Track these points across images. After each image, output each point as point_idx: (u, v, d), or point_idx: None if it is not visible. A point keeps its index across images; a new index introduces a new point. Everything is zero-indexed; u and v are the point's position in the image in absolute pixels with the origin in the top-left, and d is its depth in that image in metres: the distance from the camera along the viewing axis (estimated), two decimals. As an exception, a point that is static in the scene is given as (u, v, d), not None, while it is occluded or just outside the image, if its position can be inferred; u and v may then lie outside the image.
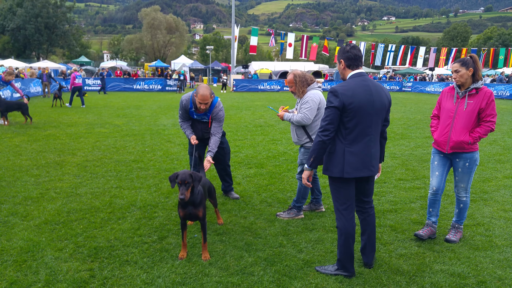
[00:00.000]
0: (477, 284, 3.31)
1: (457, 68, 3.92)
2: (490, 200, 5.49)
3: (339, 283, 3.29)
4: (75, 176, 6.28)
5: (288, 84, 4.65)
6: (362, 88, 3.15)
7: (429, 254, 3.83)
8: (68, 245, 3.85)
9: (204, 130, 5.05)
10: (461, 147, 3.92)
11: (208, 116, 4.93)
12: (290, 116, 4.58)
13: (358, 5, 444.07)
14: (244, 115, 14.96)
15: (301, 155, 4.68)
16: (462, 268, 3.56)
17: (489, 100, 3.87)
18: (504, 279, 3.41)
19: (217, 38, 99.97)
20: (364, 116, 3.13)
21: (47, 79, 22.80)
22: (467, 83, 3.90)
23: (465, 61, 3.89)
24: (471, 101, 3.89)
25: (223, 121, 5.01)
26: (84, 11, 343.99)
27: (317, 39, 36.87)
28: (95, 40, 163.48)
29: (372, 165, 3.26)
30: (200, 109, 4.70)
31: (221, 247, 3.89)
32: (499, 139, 10.26)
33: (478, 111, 3.87)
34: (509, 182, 6.39)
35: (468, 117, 3.89)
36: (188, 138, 4.95)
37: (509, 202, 5.39)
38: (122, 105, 18.32)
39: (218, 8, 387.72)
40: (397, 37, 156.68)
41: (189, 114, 4.96)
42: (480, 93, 3.88)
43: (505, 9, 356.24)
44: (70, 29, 64.00)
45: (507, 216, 4.88)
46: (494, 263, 3.68)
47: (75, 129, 10.84)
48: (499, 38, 77.13)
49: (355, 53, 3.25)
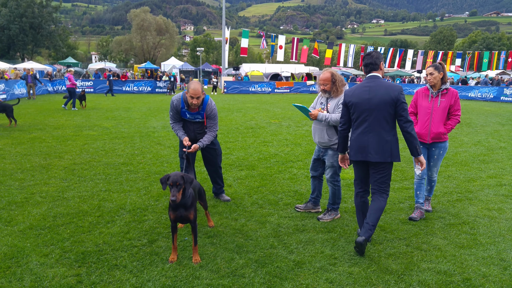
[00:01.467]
0: (462, 282, 3.38)
1: (432, 71, 4.72)
2: (474, 199, 5.59)
3: (329, 283, 3.31)
4: (62, 179, 6.21)
5: (324, 81, 4.50)
6: (361, 89, 3.85)
7: (417, 253, 3.88)
8: (54, 251, 3.79)
9: (196, 130, 5.03)
10: (438, 137, 4.76)
11: (202, 114, 4.91)
12: (327, 116, 4.44)
13: (348, 8, 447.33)
14: (235, 117, 14.95)
15: (330, 157, 4.60)
16: (448, 266, 3.64)
17: (456, 98, 4.75)
18: (488, 276, 3.48)
19: (208, 39, 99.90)
20: (361, 111, 3.81)
21: (32, 80, 22.47)
22: (438, 84, 4.75)
23: (438, 66, 4.73)
24: (443, 99, 4.74)
25: (217, 118, 5.06)
26: (71, 11, 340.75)
27: (307, 41, 37.02)
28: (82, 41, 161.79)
29: (368, 152, 3.82)
30: (192, 105, 4.70)
31: (212, 250, 3.89)
32: (483, 140, 10.41)
33: (448, 107, 4.74)
34: (492, 181, 6.50)
35: (442, 112, 4.74)
36: (181, 139, 4.91)
37: (493, 201, 5.50)
38: (111, 107, 18.18)
39: (208, 10, 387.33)
40: (386, 40, 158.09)
41: (180, 115, 4.93)
42: (449, 92, 4.74)
43: (489, 14, 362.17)
44: (56, 29, 63.15)
45: (491, 214, 4.98)
46: (478, 261, 3.76)
47: (62, 132, 10.72)
48: (483, 42, 78.40)
49: (366, 61, 3.94)
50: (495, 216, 4.93)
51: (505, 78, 40.59)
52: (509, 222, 4.73)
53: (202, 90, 4.68)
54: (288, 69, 48.77)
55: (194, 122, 5.01)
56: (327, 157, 4.65)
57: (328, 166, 4.66)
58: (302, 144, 9.52)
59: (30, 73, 22.64)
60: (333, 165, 4.61)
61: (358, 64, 46.32)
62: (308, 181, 6.35)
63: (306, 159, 7.87)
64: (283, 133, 11.11)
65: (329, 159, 4.63)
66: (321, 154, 4.77)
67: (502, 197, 5.71)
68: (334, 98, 4.54)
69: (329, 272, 3.50)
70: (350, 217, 4.84)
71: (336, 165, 4.59)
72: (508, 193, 5.87)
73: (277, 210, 5.02)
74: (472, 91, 29.65)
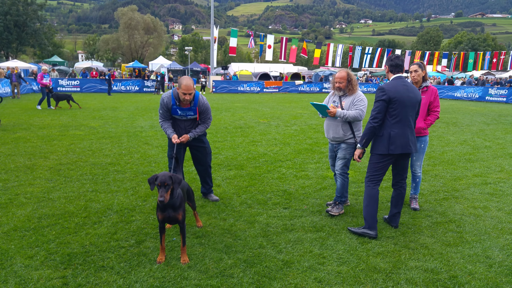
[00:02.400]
0: (449, 279, 3.42)
1: (416, 69, 4.97)
2: (461, 198, 5.66)
3: (318, 282, 3.32)
4: (47, 180, 6.12)
5: (340, 79, 4.77)
6: (402, 87, 4.16)
7: (404, 252, 3.91)
8: (39, 252, 3.73)
9: (187, 127, 4.97)
10: (418, 131, 5.00)
11: (193, 110, 4.86)
12: (345, 112, 4.68)
13: (336, 8, 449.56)
14: (224, 116, 14.91)
15: (343, 150, 4.84)
16: (435, 264, 3.68)
17: (435, 95, 5.04)
18: (474, 273, 3.53)
19: (196, 39, 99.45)
20: (404, 107, 4.12)
21: (16, 79, 22.13)
22: (420, 82, 4.99)
23: (420, 65, 5.01)
24: (424, 96, 4.98)
25: (210, 110, 5.09)
26: (56, 9, 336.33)
27: (296, 41, 37.08)
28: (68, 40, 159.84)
29: (409, 145, 4.20)
30: (184, 100, 4.66)
31: (200, 250, 3.87)
32: (469, 139, 10.55)
33: (428, 103, 5.01)
34: (478, 180, 6.59)
35: (422, 109, 4.99)
36: (169, 137, 4.84)
37: (479, 200, 5.57)
38: (98, 106, 17.99)
39: (197, 9, 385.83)
40: (374, 40, 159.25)
41: (171, 113, 4.86)
42: (429, 90, 5.03)
43: (474, 15, 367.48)
44: (42, 27, 62.11)
45: (477, 213, 5.05)
46: (464, 258, 3.81)
47: (48, 132, 10.57)
48: (468, 42, 79.47)
49: (396, 62, 4.30)
50: (480, 214, 4.99)
51: (490, 78, 41.20)
52: (494, 220, 4.80)
53: (193, 85, 4.67)
54: (277, 68, 48.86)
55: (185, 120, 4.95)
56: (340, 150, 4.90)
57: (340, 158, 4.90)
58: (291, 143, 9.54)
59: (15, 72, 22.28)
60: (345, 157, 4.85)
61: (346, 64, 46.51)
62: (297, 180, 6.35)
63: (295, 159, 7.88)
64: (272, 133, 11.11)
65: (341, 151, 4.88)
66: (335, 149, 5.03)
67: (487, 195, 5.79)
68: (349, 96, 4.80)
69: (317, 271, 3.51)
70: (338, 216, 4.85)
71: (348, 158, 4.85)
72: (493, 191, 5.95)
73: (266, 210, 5.02)
74: (458, 91, 30.05)
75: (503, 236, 4.35)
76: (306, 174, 6.78)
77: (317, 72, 46.18)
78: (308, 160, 7.83)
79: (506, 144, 10.05)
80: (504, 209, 5.21)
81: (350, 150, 4.83)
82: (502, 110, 20.14)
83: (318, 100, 6.88)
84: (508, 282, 3.39)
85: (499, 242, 4.19)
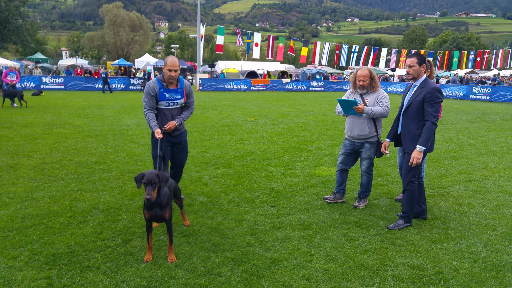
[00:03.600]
0: (434, 275, 3.47)
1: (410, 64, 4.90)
2: (446, 195, 5.73)
3: (306, 280, 3.33)
4: (30, 179, 6.01)
5: (363, 78, 4.82)
6: None
7: (391, 249, 3.94)
8: (23, 253, 3.67)
9: (175, 116, 4.85)
10: None
11: (180, 92, 4.76)
12: (372, 109, 4.73)
13: (323, 6, 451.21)
14: (211, 114, 14.86)
15: (368, 150, 4.96)
16: (421, 260, 3.72)
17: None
18: (459, 269, 3.58)
19: (183, 36, 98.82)
20: None
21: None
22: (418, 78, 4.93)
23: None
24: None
25: (193, 94, 5.02)
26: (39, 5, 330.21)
27: (283, 39, 37.10)
28: (52, 36, 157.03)
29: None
30: (171, 78, 4.57)
31: (187, 249, 3.84)
32: (453, 137, 10.69)
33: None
34: (463, 177, 6.68)
35: None
36: (153, 130, 4.62)
37: (463, 196, 5.65)
38: (83, 104, 17.76)
39: (183, 6, 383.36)
40: (361, 39, 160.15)
41: (159, 99, 4.68)
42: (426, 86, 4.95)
43: (459, 14, 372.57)
44: (24, 24, 60.84)
45: (461, 209, 5.12)
46: (450, 254, 3.86)
47: (31, 130, 10.39)
48: (453, 41, 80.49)
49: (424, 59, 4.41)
50: (465, 211, 5.06)
51: (474, 77, 41.83)
52: (478, 217, 4.87)
53: (179, 64, 4.63)
54: (264, 66, 48.81)
55: (172, 108, 4.80)
56: (364, 150, 4.98)
57: (365, 158, 5.00)
58: (278, 141, 9.54)
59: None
60: (370, 157, 4.99)
61: (333, 62, 46.76)
62: (284, 178, 6.36)
63: (283, 157, 7.89)
64: (259, 131, 11.11)
65: (366, 151, 4.98)
66: (356, 147, 5.05)
67: (472, 192, 5.88)
68: (373, 93, 4.88)
69: (305, 269, 3.52)
70: (326, 213, 4.87)
71: (372, 157, 4.99)
72: (477, 188, 6.04)
73: (253, 208, 5.01)
74: (443, 90, 30.44)
75: (487, 232, 4.41)
76: (294, 172, 6.79)
77: (304, 70, 46.32)
78: (296, 158, 7.84)
79: (490, 141, 10.21)
80: (488, 205, 5.29)
81: (374, 149, 4.95)
82: (485, 108, 20.47)
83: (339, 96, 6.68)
84: (492, 277, 3.45)
85: (483, 238, 4.25)
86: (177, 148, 5.05)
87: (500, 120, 15.31)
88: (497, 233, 4.38)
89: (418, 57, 4.41)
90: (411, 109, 4.40)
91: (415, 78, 4.46)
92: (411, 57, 4.46)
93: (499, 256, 3.84)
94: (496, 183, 6.38)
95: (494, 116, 16.78)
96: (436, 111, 4.21)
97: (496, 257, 3.82)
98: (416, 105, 4.35)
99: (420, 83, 4.43)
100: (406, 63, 4.50)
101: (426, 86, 4.36)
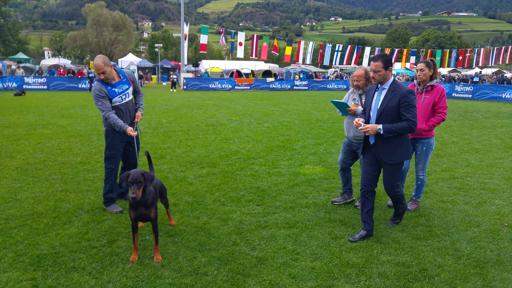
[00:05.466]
0: (419, 272, 3.52)
1: (422, 68, 4.76)
2: (430, 192, 5.82)
3: (292, 278, 3.35)
4: (14, 180, 5.92)
5: (358, 77, 4.79)
6: None
7: (376, 246, 3.99)
8: (7, 254, 3.62)
9: (131, 109, 4.81)
10: (419, 133, 4.79)
11: (126, 82, 4.72)
12: None
13: (306, 5, 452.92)
14: (196, 114, 14.80)
15: None
16: (406, 258, 3.76)
17: (441, 95, 4.74)
18: (443, 266, 3.64)
19: (166, 36, 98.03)
20: None
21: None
22: (427, 81, 4.79)
23: (429, 63, 4.77)
24: (427, 96, 4.78)
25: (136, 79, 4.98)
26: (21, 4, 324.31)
27: (267, 38, 37.13)
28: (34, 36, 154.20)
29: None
30: (105, 79, 4.50)
31: (173, 249, 3.83)
32: (437, 135, 10.86)
33: (432, 104, 4.76)
34: (446, 175, 6.79)
35: (424, 109, 4.76)
36: (123, 129, 4.54)
37: (447, 194, 5.75)
38: (66, 104, 17.51)
39: (166, 6, 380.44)
40: (344, 37, 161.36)
41: (110, 97, 4.60)
42: (434, 90, 4.77)
43: (441, 13, 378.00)
44: (6, 23, 59.87)
45: (445, 207, 5.20)
46: (434, 251, 3.92)
47: (14, 130, 10.21)
48: (435, 40, 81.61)
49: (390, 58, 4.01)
50: (448, 208, 5.15)
51: (456, 75, 42.51)
52: (461, 214, 4.96)
53: (105, 63, 4.48)
54: (248, 66, 48.82)
55: (126, 103, 4.73)
56: (360, 150, 4.88)
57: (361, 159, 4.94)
58: (263, 140, 9.56)
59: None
60: None
61: (316, 61, 46.99)
62: (269, 177, 6.38)
63: (267, 156, 7.92)
64: (244, 130, 11.11)
65: None
66: (354, 147, 5.03)
67: (455, 189, 5.98)
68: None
69: (291, 267, 3.54)
70: (311, 212, 4.91)
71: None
72: (460, 186, 6.15)
73: (239, 207, 5.02)
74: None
75: (470, 229, 4.49)
76: (279, 171, 6.82)
77: (288, 69, 46.45)
78: (281, 157, 7.88)
79: (472, 139, 10.40)
80: (471, 202, 5.39)
81: None
82: (468, 107, 20.84)
83: (338, 98, 6.73)
84: (476, 273, 3.51)
85: (467, 235, 4.33)
86: (131, 147, 4.95)
87: (482, 118, 15.59)
88: (480, 230, 4.46)
89: (383, 59, 3.89)
90: (385, 115, 3.93)
91: (381, 82, 3.99)
92: (376, 61, 3.91)
93: (482, 252, 3.91)
94: (479, 180, 6.49)
95: (477, 114, 17.09)
96: (413, 115, 3.85)
97: (480, 253, 3.88)
98: (391, 111, 3.90)
99: (390, 86, 3.94)
100: (371, 67, 4.00)
101: (398, 89, 3.89)
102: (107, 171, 4.84)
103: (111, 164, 4.82)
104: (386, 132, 3.88)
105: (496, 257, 3.81)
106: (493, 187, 6.13)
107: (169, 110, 15.86)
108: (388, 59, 3.92)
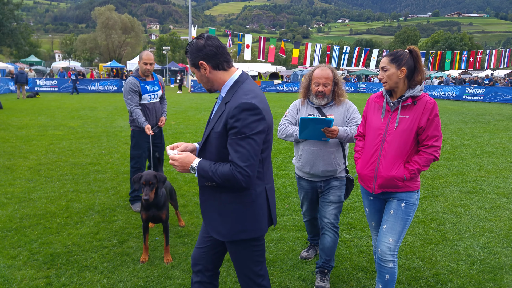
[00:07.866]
0: (432, 277, 3.46)
1: (385, 65, 2.65)
2: (441, 196, 5.75)
3: (302, 281, 3.35)
4: (27, 180, 6.00)
5: (324, 81, 3.18)
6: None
7: (387, 249, 3.96)
8: (22, 253, 3.68)
9: (157, 109, 4.94)
10: (393, 184, 2.65)
11: (157, 84, 4.89)
12: (348, 131, 3.13)
13: (313, 7, 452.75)
14: (204, 116, 14.85)
15: (338, 190, 3.31)
16: (417, 262, 3.72)
17: (432, 115, 2.57)
18: (456, 271, 3.58)
19: (174, 38, 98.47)
20: None
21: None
22: (400, 89, 2.65)
23: (397, 57, 2.62)
24: (406, 116, 2.62)
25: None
26: (33, 8, 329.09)
27: (274, 40, 37.13)
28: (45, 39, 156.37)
29: None
30: (147, 71, 4.68)
31: (183, 249, 3.85)
32: (447, 138, 10.76)
33: (416, 130, 2.59)
34: (457, 178, 6.71)
35: (400, 140, 2.62)
36: (143, 126, 4.64)
37: (459, 198, 5.66)
38: (76, 106, 17.67)
39: (174, 9, 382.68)
40: (352, 39, 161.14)
41: (141, 92, 4.74)
42: (419, 105, 2.59)
43: (451, 14, 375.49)
44: (18, 27, 60.60)
45: (457, 211, 5.13)
46: (446, 256, 3.86)
47: (27, 132, 10.34)
48: (445, 42, 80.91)
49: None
50: (461, 212, 5.07)
51: (467, 77, 42.18)
52: (474, 218, 4.87)
53: (153, 58, 4.77)
54: (255, 68, 48.92)
55: (154, 103, 4.88)
56: (332, 190, 3.31)
57: (333, 201, 3.30)
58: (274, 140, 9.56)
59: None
60: (340, 200, 3.32)
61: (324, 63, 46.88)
62: (278, 179, 6.37)
63: (276, 158, 7.91)
64: (253, 132, 11.10)
65: (335, 192, 3.31)
66: (319, 188, 3.37)
67: (467, 193, 5.89)
68: (337, 106, 3.27)
69: (301, 270, 3.54)
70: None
71: (343, 200, 3.35)
72: (472, 190, 6.05)
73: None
74: (436, 90, 30.69)
75: (484, 234, 4.41)
76: (287, 173, 6.82)
77: (295, 71, 46.42)
78: (289, 159, 7.87)
79: (484, 142, 10.24)
80: (484, 207, 5.29)
81: (343, 188, 3.35)
82: (479, 109, 20.52)
83: None
84: (490, 279, 3.45)
85: (480, 240, 4.25)
86: (158, 148, 5.05)
87: (495, 120, 15.32)
88: (494, 235, 4.37)
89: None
90: (210, 144, 2.20)
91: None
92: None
93: (497, 258, 3.84)
94: (492, 184, 6.38)
95: (489, 116, 16.79)
96: (243, 157, 2.03)
97: (494, 259, 3.82)
98: (217, 139, 2.15)
99: (227, 93, 2.39)
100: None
101: (233, 100, 2.24)
102: (132, 170, 4.94)
103: (136, 163, 4.91)
104: (201, 176, 2.10)
105: (510, 263, 3.74)
106: (507, 191, 6.01)
107: (177, 112, 15.92)
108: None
